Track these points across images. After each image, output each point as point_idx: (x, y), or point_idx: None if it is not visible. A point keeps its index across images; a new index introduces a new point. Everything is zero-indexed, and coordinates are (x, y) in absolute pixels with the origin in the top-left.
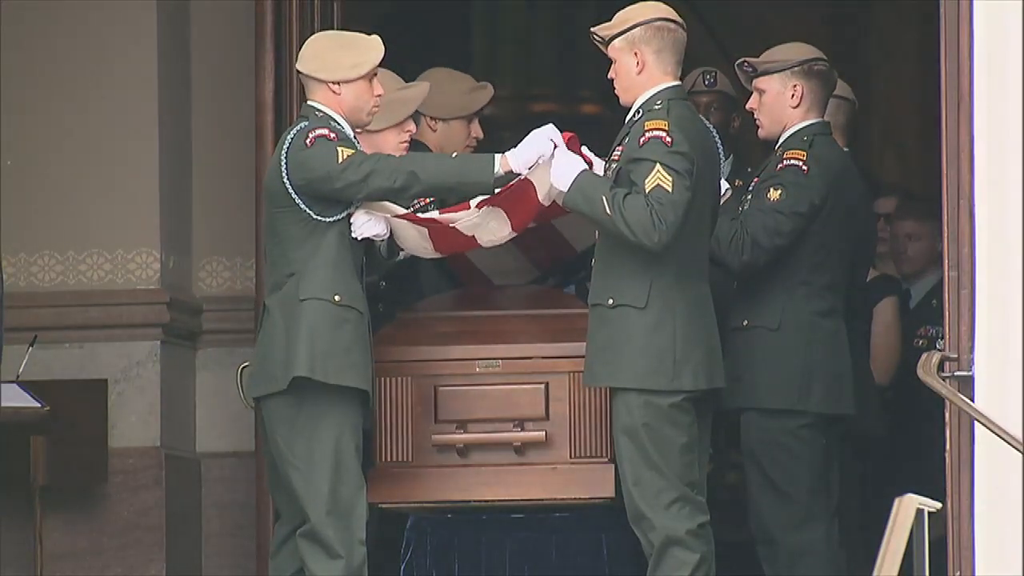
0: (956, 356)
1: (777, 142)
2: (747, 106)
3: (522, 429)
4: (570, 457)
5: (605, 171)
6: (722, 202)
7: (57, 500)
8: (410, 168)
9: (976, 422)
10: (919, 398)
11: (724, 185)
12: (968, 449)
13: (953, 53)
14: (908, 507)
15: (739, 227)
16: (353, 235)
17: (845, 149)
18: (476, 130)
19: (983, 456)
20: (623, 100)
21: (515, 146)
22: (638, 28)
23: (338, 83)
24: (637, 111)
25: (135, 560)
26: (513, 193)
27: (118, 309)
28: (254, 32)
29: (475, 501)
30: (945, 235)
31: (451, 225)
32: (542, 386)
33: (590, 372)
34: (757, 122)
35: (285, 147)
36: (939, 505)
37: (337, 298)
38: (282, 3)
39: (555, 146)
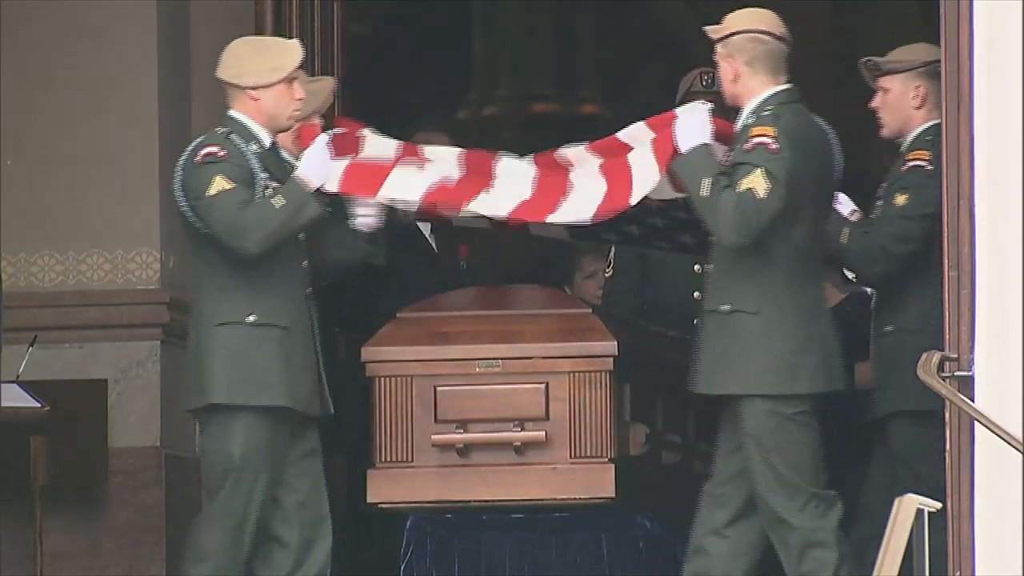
0: (956, 356)
1: (902, 144)
2: (870, 105)
3: (522, 429)
4: (570, 457)
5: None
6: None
7: (57, 500)
8: (246, 233)
9: (976, 422)
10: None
11: (851, 206)
12: (968, 449)
13: (953, 53)
14: (908, 507)
15: (868, 240)
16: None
17: None
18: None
19: (983, 456)
20: (728, 103)
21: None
22: (734, 37)
23: (256, 89)
24: (749, 115)
25: (135, 560)
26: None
27: (118, 309)
28: (254, 32)
29: (475, 501)
30: (945, 235)
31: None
32: (542, 386)
33: (707, 380)
34: (880, 121)
35: (183, 158)
36: (939, 505)
37: (251, 318)
38: (282, 3)
39: (332, 152)
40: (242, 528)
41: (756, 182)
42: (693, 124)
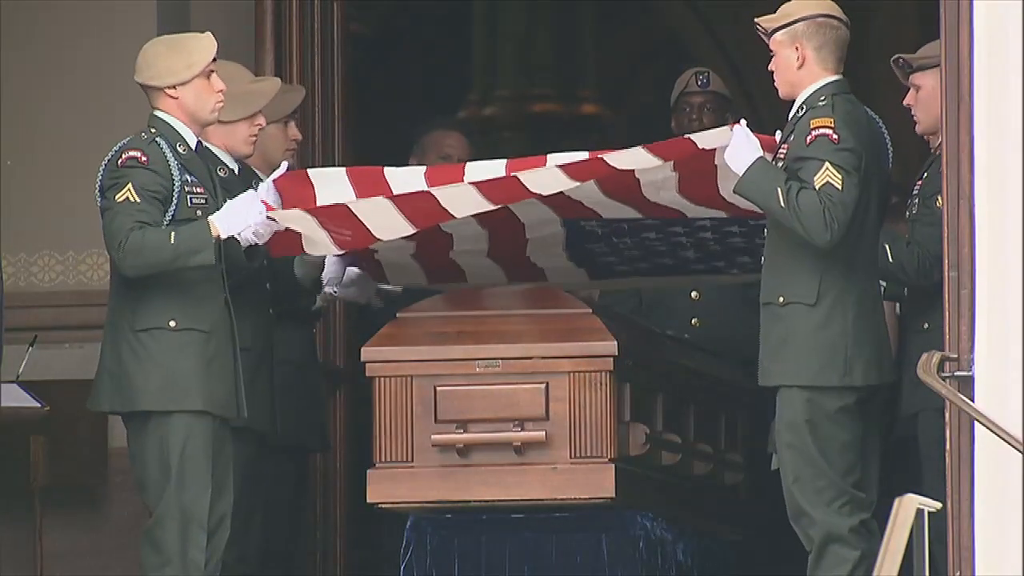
0: (956, 356)
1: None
2: (904, 102)
3: (522, 429)
4: (570, 457)
5: None
6: None
7: (57, 500)
8: (126, 255)
9: (976, 422)
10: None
11: None
12: (968, 449)
13: (953, 53)
14: (908, 507)
15: (918, 249)
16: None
17: None
18: (293, 132)
19: (983, 456)
20: (782, 94)
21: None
22: (801, 23)
23: (174, 87)
24: (800, 107)
25: (135, 560)
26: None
27: None
28: (254, 32)
29: (475, 501)
30: (945, 235)
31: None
32: (542, 386)
33: (764, 372)
34: (914, 118)
35: (106, 159)
36: (939, 505)
37: (172, 324)
38: (282, 3)
39: (265, 207)
40: (193, 526)
41: (829, 175)
42: (740, 144)
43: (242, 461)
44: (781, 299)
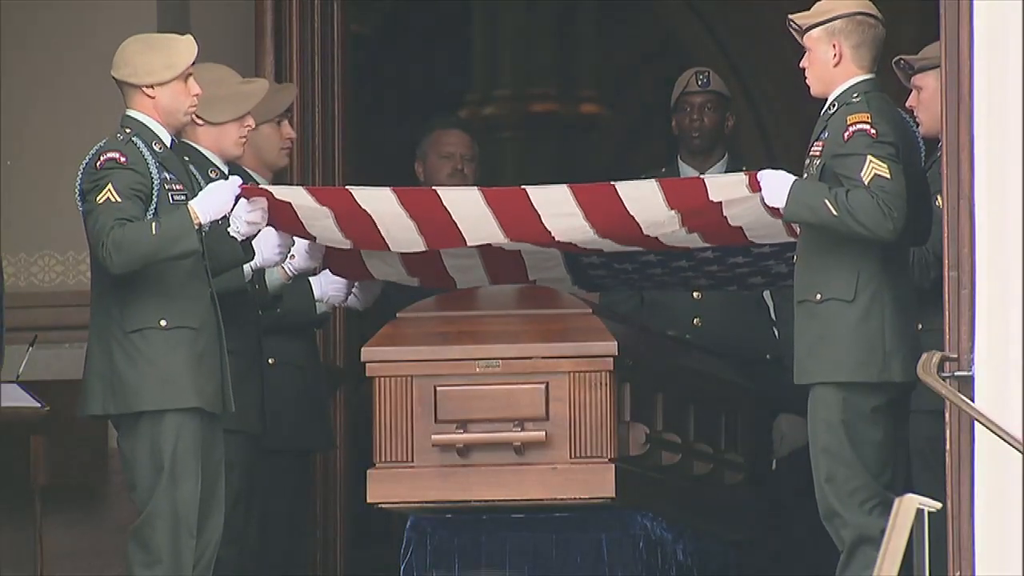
0: (956, 356)
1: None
2: (906, 104)
3: (522, 429)
4: (570, 457)
5: (805, 167)
6: None
7: (57, 500)
8: (111, 252)
9: (976, 422)
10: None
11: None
12: (968, 449)
13: (953, 53)
14: (908, 507)
15: (919, 250)
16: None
17: None
18: (288, 131)
19: (983, 456)
20: (814, 91)
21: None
22: (839, 20)
23: (152, 86)
24: (832, 104)
25: None
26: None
27: None
28: (254, 32)
29: (475, 501)
30: (945, 235)
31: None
32: (542, 386)
33: (802, 370)
34: (917, 120)
35: (84, 161)
36: (939, 505)
37: (163, 323)
38: (282, 3)
39: (236, 200)
40: (182, 524)
41: (876, 167)
42: (772, 181)
43: (240, 462)
44: (818, 296)
